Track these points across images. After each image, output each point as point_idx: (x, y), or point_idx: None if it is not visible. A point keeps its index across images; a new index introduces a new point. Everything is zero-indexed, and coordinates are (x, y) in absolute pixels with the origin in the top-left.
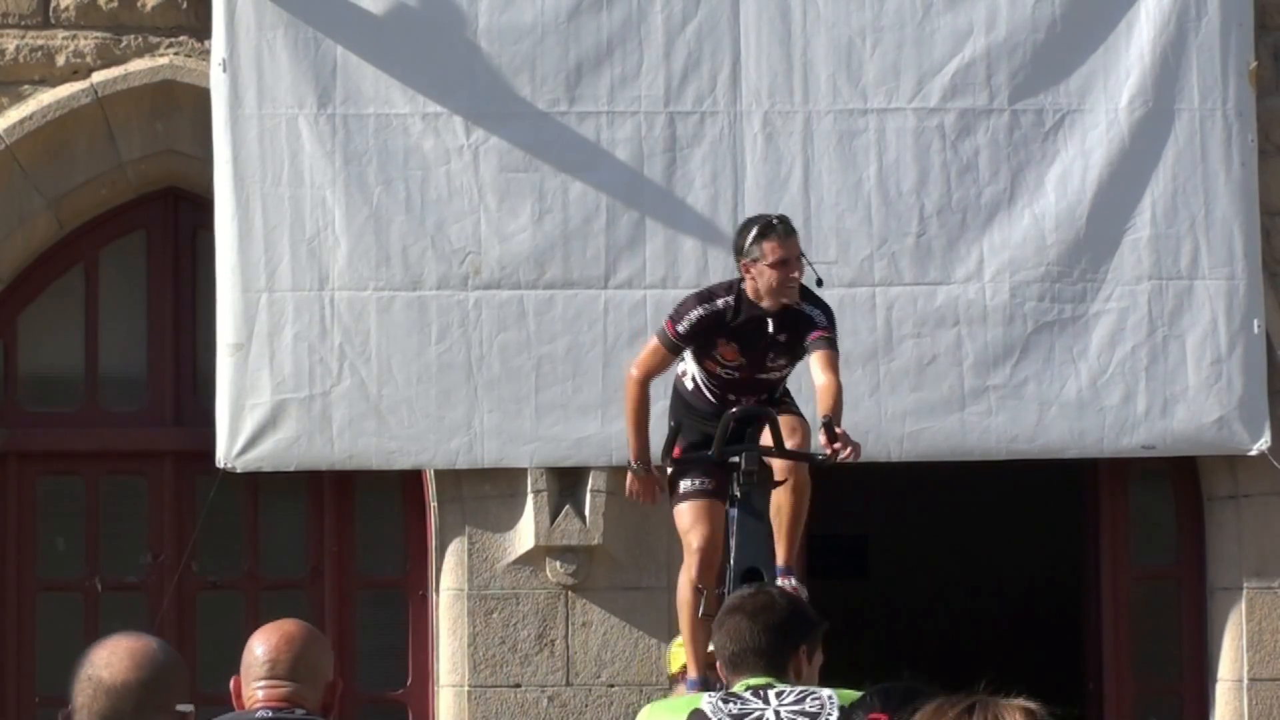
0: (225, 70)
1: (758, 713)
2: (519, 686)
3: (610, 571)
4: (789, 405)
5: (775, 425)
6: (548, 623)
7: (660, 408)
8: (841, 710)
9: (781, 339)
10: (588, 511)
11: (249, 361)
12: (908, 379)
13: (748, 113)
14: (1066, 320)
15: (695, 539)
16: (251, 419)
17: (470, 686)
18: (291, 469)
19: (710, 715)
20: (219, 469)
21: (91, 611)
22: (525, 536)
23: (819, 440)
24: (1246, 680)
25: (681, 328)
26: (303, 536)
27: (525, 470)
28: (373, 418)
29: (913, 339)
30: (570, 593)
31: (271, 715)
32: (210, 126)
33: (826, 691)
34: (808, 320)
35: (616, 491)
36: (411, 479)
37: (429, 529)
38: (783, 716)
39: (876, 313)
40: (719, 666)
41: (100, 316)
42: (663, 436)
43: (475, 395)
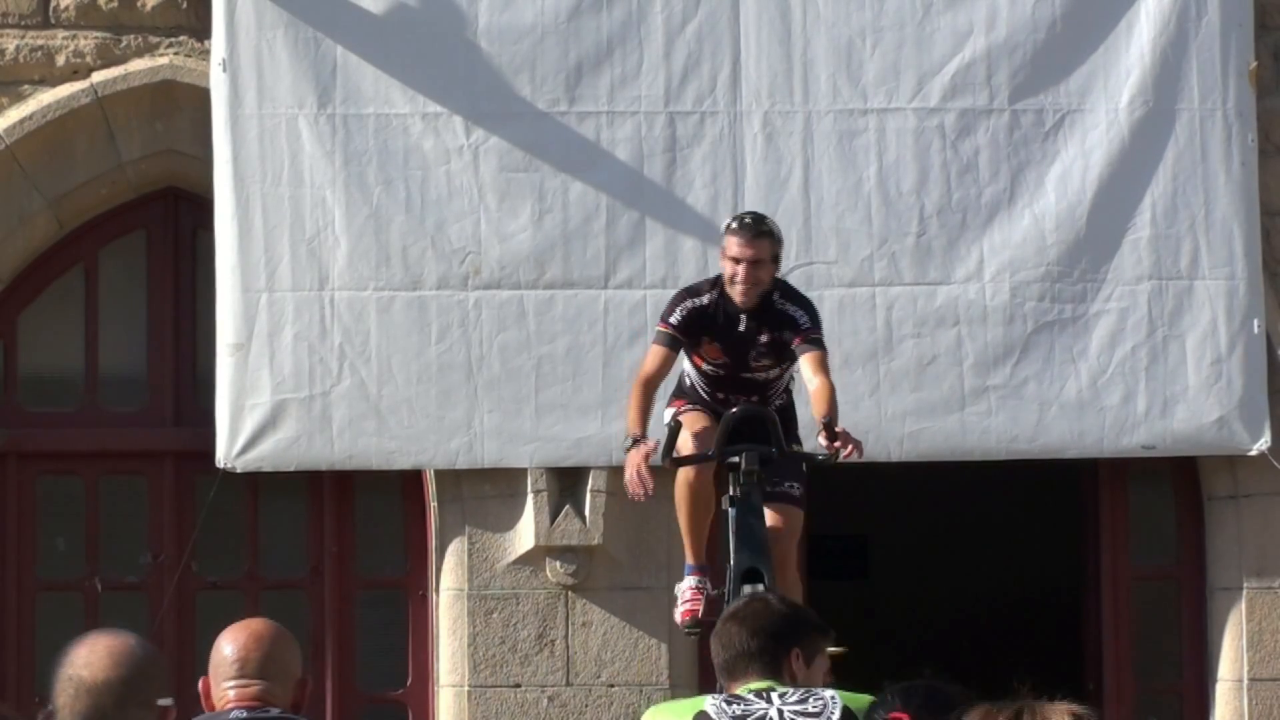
0: (225, 70)
1: (760, 713)
2: (519, 686)
3: (610, 571)
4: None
5: (775, 425)
6: (548, 623)
7: (659, 409)
8: (845, 711)
9: (763, 339)
10: (588, 511)
11: (249, 361)
12: (908, 379)
13: (748, 113)
14: (1066, 320)
15: (690, 423)
16: (251, 419)
17: (470, 686)
18: (291, 469)
19: (714, 716)
20: (219, 469)
21: (91, 611)
22: (525, 536)
23: (819, 441)
24: (1246, 680)
25: (674, 319)
26: (303, 536)
27: (525, 470)
28: (373, 418)
29: (913, 339)
30: (570, 593)
31: (246, 715)
32: (210, 126)
33: (829, 692)
34: (791, 321)
35: (616, 491)
36: (411, 479)
37: (429, 529)
38: (785, 716)
39: (876, 313)
40: (718, 676)
41: (100, 316)
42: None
43: (475, 395)
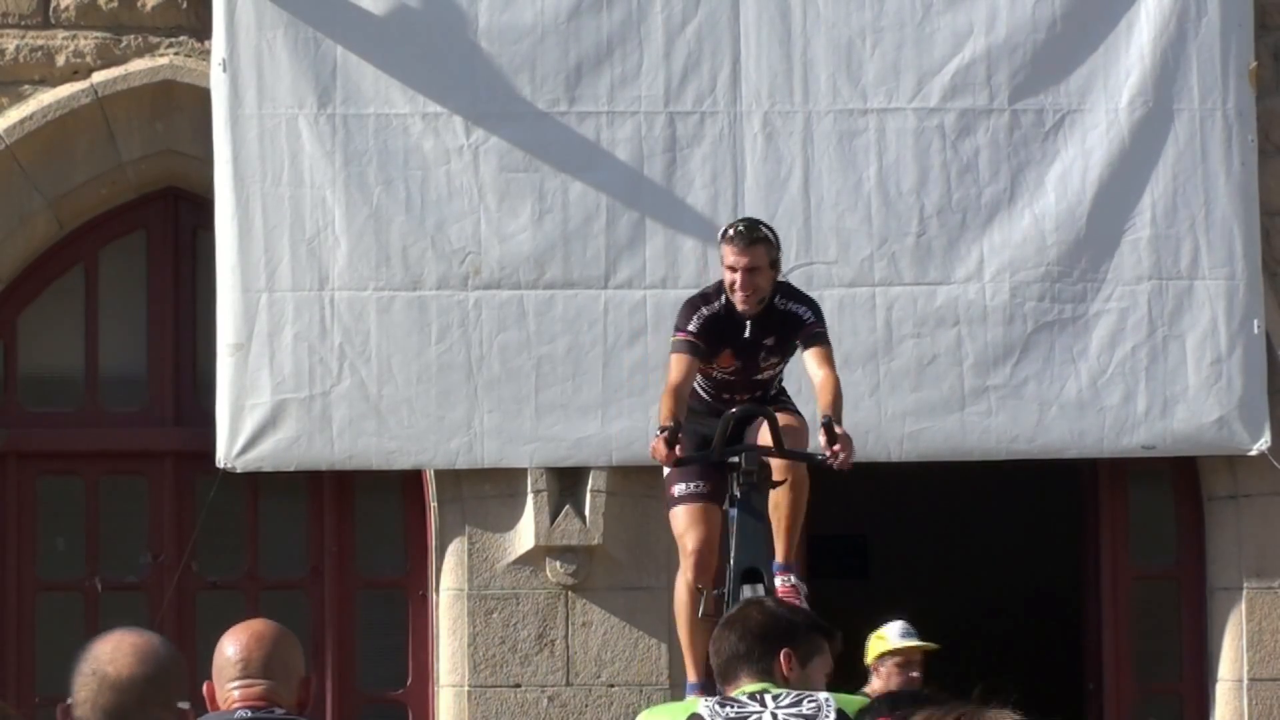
0: (225, 70)
1: (754, 715)
2: (519, 686)
3: (610, 571)
4: (785, 403)
5: (775, 424)
6: (548, 623)
7: (658, 409)
8: (839, 713)
9: (769, 342)
10: (588, 511)
11: (249, 361)
12: (908, 379)
13: (748, 113)
14: (1066, 320)
15: (690, 541)
16: (251, 419)
17: (470, 686)
18: (291, 469)
19: (707, 718)
20: (219, 469)
21: (91, 611)
22: (525, 536)
23: (819, 441)
24: (1246, 680)
25: (692, 326)
26: (303, 536)
27: (525, 470)
28: (373, 418)
29: (913, 339)
30: (570, 593)
31: (251, 715)
32: (210, 126)
33: (823, 695)
34: (795, 318)
35: (617, 491)
36: (411, 479)
37: (429, 529)
38: (779, 718)
39: (876, 313)
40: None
41: (100, 316)
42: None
43: (475, 395)
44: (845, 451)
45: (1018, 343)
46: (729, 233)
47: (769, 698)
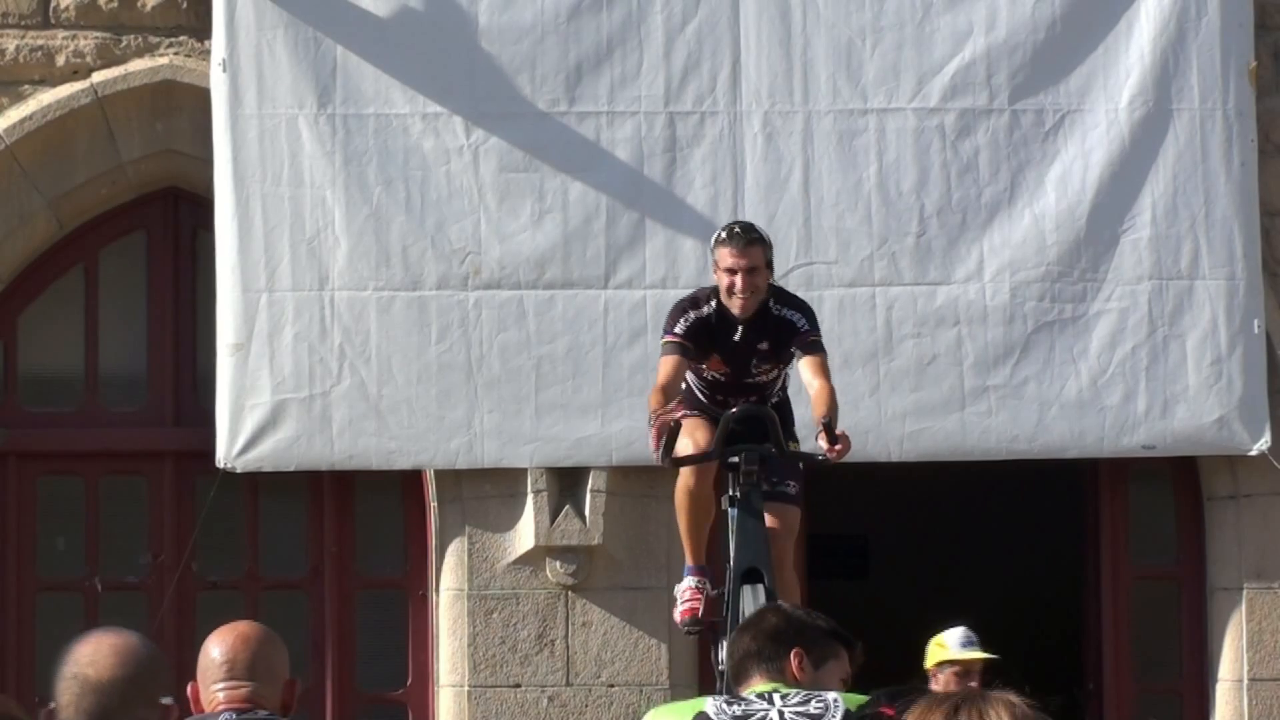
0: (225, 70)
1: (761, 713)
2: (519, 686)
3: (610, 571)
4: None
5: (775, 425)
6: (548, 623)
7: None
8: (846, 713)
9: (763, 347)
10: (588, 511)
11: (249, 361)
12: (908, 379)
13: (748, 113)
14: (1066, 320)
15: (688, 426)
16: (251, 419)
17: (470, 686)
18: (291, 469)
19: (714, 717)
20: (219, 469)
21: (91, 611)
22: (525, 536)
23: (819, 443)
24: (1246, 680)
25: (679, 329)
26: (303, 536)
27: (525, 470)
28: (373, 418)
29: (913, 339)
30: (570, 593)
31: (236, 717)
32: (210, 126)
33: (832, 694)
34: (789, 325)
35: (617, 491)
36: (411, 479)
37: (429, 529)
38: (786, 717)
39: (876, 313)
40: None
41: (100, 316)
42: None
43: (475, 395)
44: (844, 448)
45: (1018, 343)
46: (724, 235)
47: (777, 697)
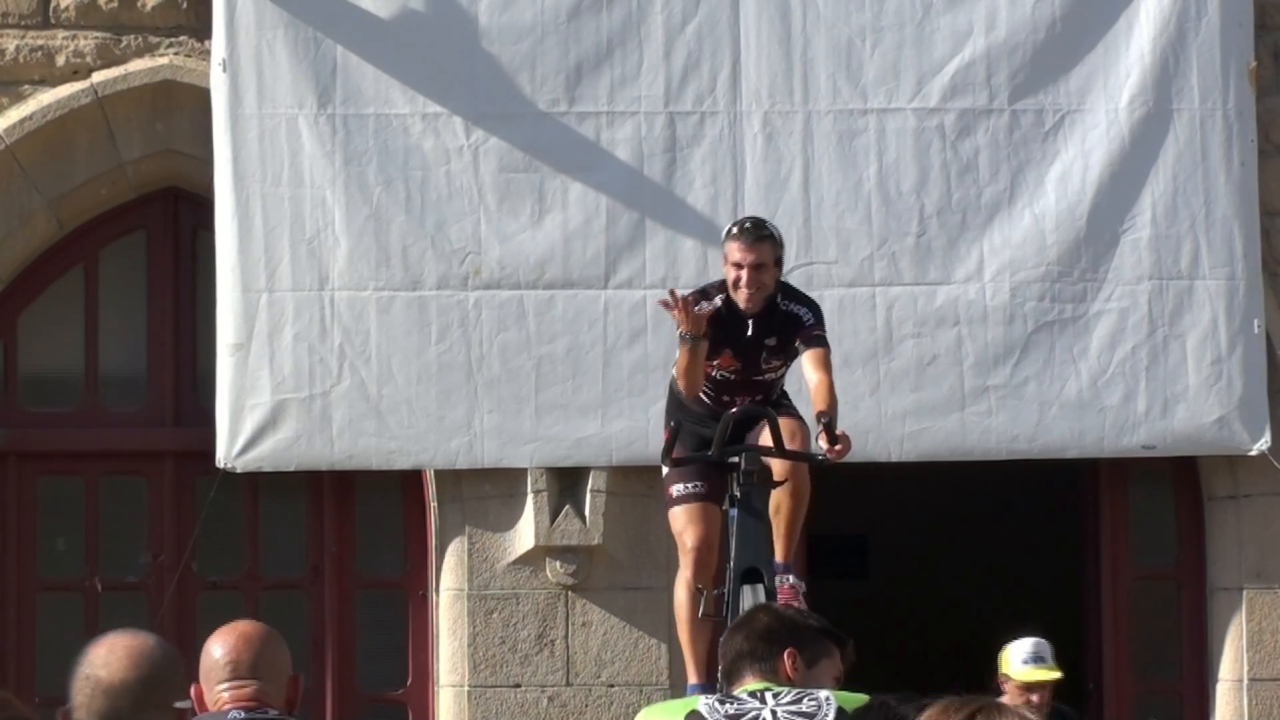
0: (225, 70)
1: (754, 713)
2: (519, 686)
3: (610, 571)
4: (787, 407)
5: (775, 425)
6: (548, 623)
7: (658, 409)
8: (839, 711)
9: (771, 342)
10: (588, 511)
11: (249, 361)
12: (908, 379)
13: (748, 113)
14: (1066, 320)
15: (690, 539)
16: (251, 419)
17: (470, 686)
18: (291, 469)
19: (707, 716)
20: (219, 469)
21: (91, 611)
22: (525, 536)
23: (820, 442)
24: (1246, 680)
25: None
26: (303, 536)
27: (525, 470)
28: (373, 418)
29: (913, 339)
30: (570, 593)
31: (244, 716)
32: (210, 126)
33: (824, 693)
34: (795, 319)
35: (617, 491)
36: (411, 479)
37: (429, 529)
38: (778, 716)
39: (876, 313)
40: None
41: (100, 316)
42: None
43: (475, 395)
44: (844, 448)
45: (1018, 343)
46: (734, 230)
47: (769, 696)
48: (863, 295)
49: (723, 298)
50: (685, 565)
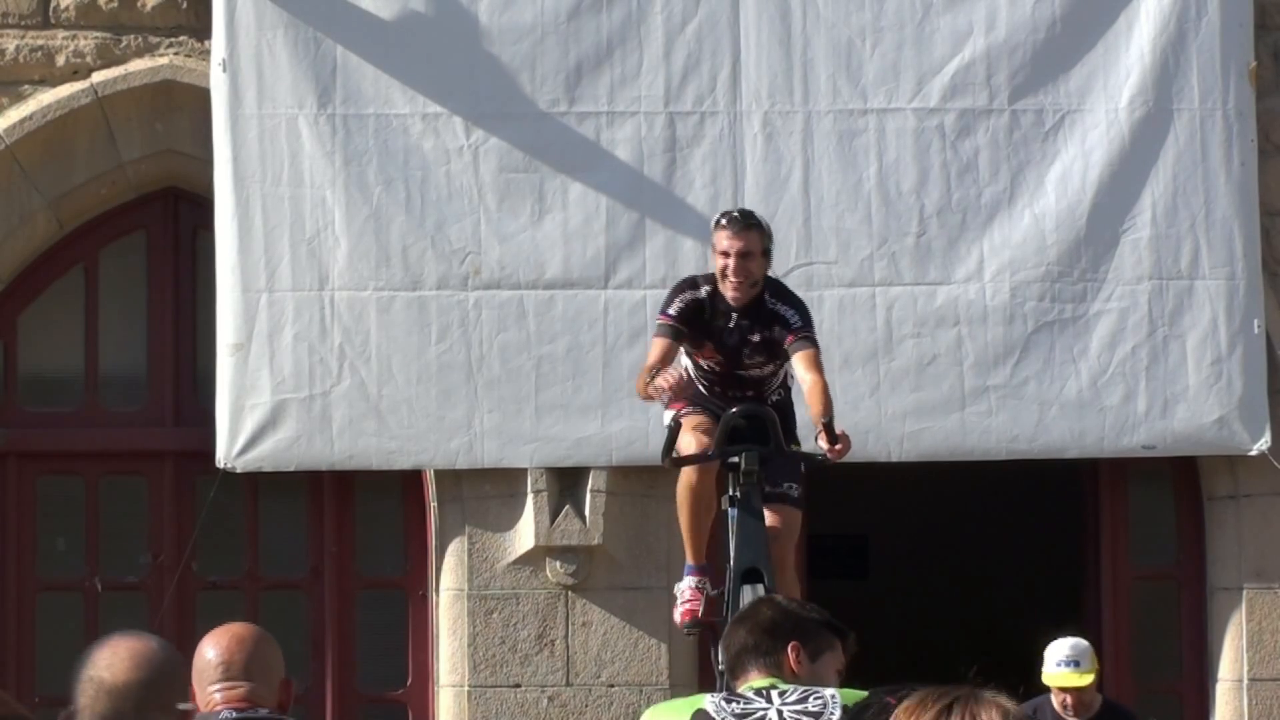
0: (225, 70)
1: (760, 712)
2: (519, 686)
3: (610, 571)
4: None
5: (775, 425)
6: (548, 623)
7: (658, 408)
8: (844, 710)
9: (755, 338)
10: (588, 511)
11: (249, 361)
12: (908, 379)
13: (748, 113)
14: (1066, 320)
15: (690, 422)
16: (251, 419)
17: (470, 686)
18: (291, 469)
19: (713, 715)
20: (219, 469)
21: (91, 611)
22: (525, 536)
23: (819, 443)
24: (1246, 680)
25: (673, 310)
26: (303, 536)
27: (525, 470)
28: (373, 418)
29: (913, 339)
30: (570, 593)
31: (235, 716)
32: (210, 126)
33: (829, 691)
34: (782, 320)
35: (617, 491)
36: (411, 479)
37: (429, 529)
38: (785, 715)
39: (876, 313)
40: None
41: (100, 316)
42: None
43: (475, 395)
44: (844, 447)
45: (1018, 343)
46: (722, 219)
47: (775, 694)
48: (863, 295)
49: (709, 289)
50: (689, 446)
